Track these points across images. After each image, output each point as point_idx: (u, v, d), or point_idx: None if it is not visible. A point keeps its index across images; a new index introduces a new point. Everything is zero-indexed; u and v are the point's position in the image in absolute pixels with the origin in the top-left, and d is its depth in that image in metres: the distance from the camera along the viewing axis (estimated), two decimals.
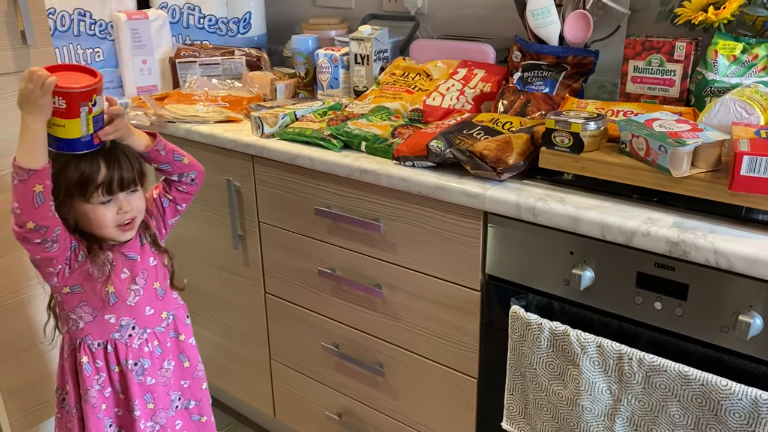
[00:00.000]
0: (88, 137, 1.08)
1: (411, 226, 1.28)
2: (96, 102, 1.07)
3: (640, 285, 1.02)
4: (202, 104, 1.66)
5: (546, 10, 1.39)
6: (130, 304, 1.20)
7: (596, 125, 1.07)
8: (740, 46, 1.19)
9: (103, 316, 1.19)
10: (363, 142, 1.34)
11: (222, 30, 1.99)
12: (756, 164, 0.90)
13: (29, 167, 1.02)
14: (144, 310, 1.22)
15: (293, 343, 1.64)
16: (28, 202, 1.03)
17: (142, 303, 1.22)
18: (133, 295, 1.20)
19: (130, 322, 1.21)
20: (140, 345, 1.22)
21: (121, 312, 1.20)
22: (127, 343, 1.21)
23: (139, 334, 1.22)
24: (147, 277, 1.22)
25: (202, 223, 1.71)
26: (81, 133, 1.07)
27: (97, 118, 1.09)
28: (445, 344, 1.32)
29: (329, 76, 1.71)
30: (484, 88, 1.46)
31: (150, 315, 1.23)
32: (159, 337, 1.25)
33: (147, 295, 1.22)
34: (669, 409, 0.99)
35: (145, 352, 1.23)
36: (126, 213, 1.14)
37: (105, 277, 1.16)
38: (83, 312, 1.18)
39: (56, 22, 1.74)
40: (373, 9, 1.92)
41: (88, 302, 1.18)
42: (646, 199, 1.05)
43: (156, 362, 1.25)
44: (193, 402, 1.35)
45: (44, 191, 1.04)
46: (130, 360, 1.21)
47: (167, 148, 1.19)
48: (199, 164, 1.26)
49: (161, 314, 1.25)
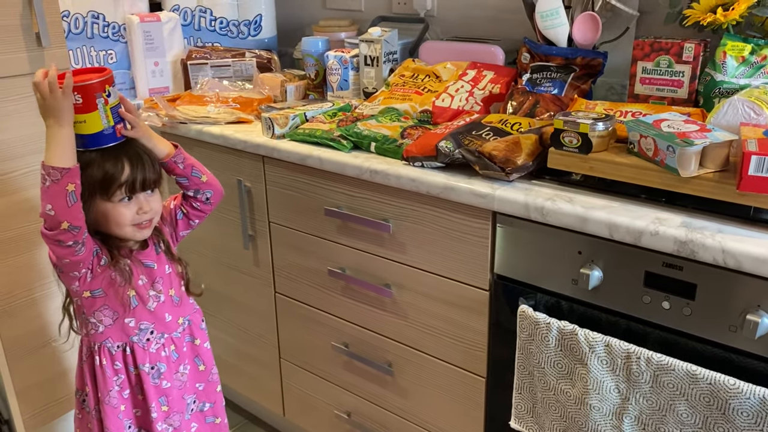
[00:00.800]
0: (111, 129, 1.10)
1: (420, 226, 1.29)
2: (110, 93, 1.09)
3: (648, 284, 1.02)
4: (213, 105, 1.68)
5: (555, 11, 1.39)
6: (150, 309, 1.21)
7: (604, 126, 1.08)
8: (749, 47, 1.19)
9: (124, 319, 1.20)
10: (372, 142, 1.35)
11: (233, 32, 2.01)
12: (764, 164, 0.90)
13: (62, 166, 1.04)
14: (164, 315, 1.23)
15: (303, 343, 1.65)
16: (62, 202, 1.04)
17: (161, 309, 1.23)
18: (152, 301, 1.21)
19: (149, 326, 1.22)
20: (157, 349, 1.23)
21: (141, 316, 1.21)
22: (144, 347, 1.22)
23: (157, 339, 1.23)
24: (163, 284, 1.23)
25: (212, 223, 1.73)
26: (102, 126, 1.09)
27: (115, 109, 1.10)
28: (453, 343, 1.33)
29: (339, 77, 1.72)
30: (493, 90, 1.47)
31: (168, 321, 1.24)
32: (176, 342, 1.26)
33: (165, 301, 1.24)
34: (677, 408, 0.99)
35: (162, 356, 1.24)
36: (145, 213, 1.15)
37: (126, 282, 1.18)
38: (104, 316, 1.19)
39: (70, 25, 1.76)
40: (382, 11, 1.93)
41: (109, 306, 1.19)
42: (655, 199, 1.05)
43: (172, 366, 1.26)
44: (207, 404, 1.35)
45: (76, 190, 1.06)
46: (147, 364, 1.22)
47: (186, 162, 1.21)
48: (218, 185, 1.27)
49: (178, 320, 1.26)
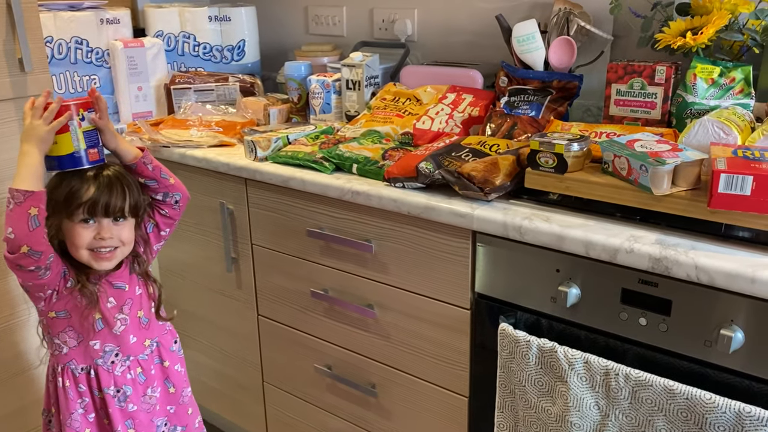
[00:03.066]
0: (81, 152, 1.10)
1: (402, 246, 1.30)
2: (85, 117, 1.10)
3: (625, 301, 1.04)
4: (196, 129, 1.69)
5: (531, 36, 1.43)
6: (116, 333, 1.20)
7: (579, 146, 1.10)
8: (718, 69, 1.23)
9: (88, 342, 1.18)
10: (354, 164, 1.37)
11: (216, 57, 2.03)
12: (733, 182, 0.93)
13: (25, 189, 1.04)
14: (128, 338, 1.22)
15: (286, 366, 1.64)
16: (23, 225, 1.03)
17: (126, 332, 1.21)
18: (119, 324, 1.20)
19: (114, 349, 1.20)
20: (122, 372, 1.22)
21: (106, 339, 1.19)
22: (109, 370, 1.20)
23: (122, 362, 1.22)
24: (132, 306, 1.22)
25: (195, 245, 1.73)
26: (73, 148, 1.09)
27: (90, 134, 1.11)
28: (436, 363, 1.33)
29: (321, 101, 1.75)
30: (472, 112, 1.49)
31: (133, 343, 1.23)
32: (142, 365, 1.24)
33: (131, 323, 1.22)
34: (655, 423, 1.00)
35: (128, 379, 1.22)
36: (103, 240, 1.12)
37: (92, 307, 1.16)
38: (68, 337, 1.18)
39: (54, 50, 1.78)
40: (364, 36, 1.96)
41: (73, 328, 1.18)
42: (629, 218, 1.07)
43: (139, 389, 1.24)
44: (179, 428, 1.33)
45: (39, 215, 1.05)
46: (112, 387, 1.21)
47: (154, 164, 1.19)
48: (184, 188, 1.26)
49: (144, 342, 1.25)
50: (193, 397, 1.37)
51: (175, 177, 1.25)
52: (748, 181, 0.92)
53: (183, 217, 1.72)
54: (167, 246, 1.79)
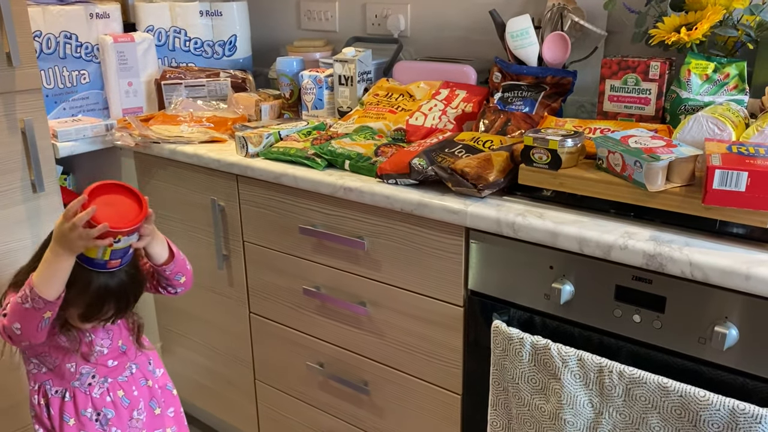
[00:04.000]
0: (102, 262, 1.06)
1: (394, 243, 1.29)
2: (121, 240, 1.04)
3: (619, 298, 1.03)
4: (187, 125, 1.67)
5: (525, 32, 1.42)
6: (92, 360, 1.18)
7: (573, 142, 1.09)
8: (712, 65, 1.22)
9: (64, 364, 1.16)
10: (347, 160, 1.36)
11: (208, 53, 2.01)
12: (727, 178, 0.92)
13: (47, 299, 1.01)
14: (106, 362, 1.20)
15: (278, 364, 1.63)
16: (33, 326, 1.04)
17: (104, 357, 1.19)
18: (96, 354, 1.18)
19: (90, 371, 1.18)
20: (101, 394, 1.19)
21: (81, 362, 1.17)
22: (86, 392, 1.18)
23: (100, 383, 1.19)
24: (112, 337, 1.20)
25: (186, 243, 1.71)
26: (96, 257, 1.05)
27: (118, 251, 1.06)
28: (429, 361, 1.32)
29: (314, 97, 1.73)
30: (465, 108, 1.48)
31: (113, 367, 1.21)
32: (123, 387, 1.22)
33: (110, 352, 1.20)
34: (649, 421, 1.00)
35: (108, 402, 1.20)
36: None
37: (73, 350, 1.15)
38: (44, 360, 1.17)
39: (42, 45, 1.75)
40: (356, 32, 1.95)
41: (50, 354, 1.16)
42: (623, 214, 1.07)
43: (124, 413, 1.21)
44: None
45: (50, 317, 1.04)
46: (89, 410, 1.18)
47: (174, 270, 1.18)
48: (190, 282, 1.24)
49: (125, 365, 1.23)
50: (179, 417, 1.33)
51: (188, 271, 1.22)
52: (743, 177, 0.91)
53: (173, 214, 1.71)
54: None
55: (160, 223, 1.76)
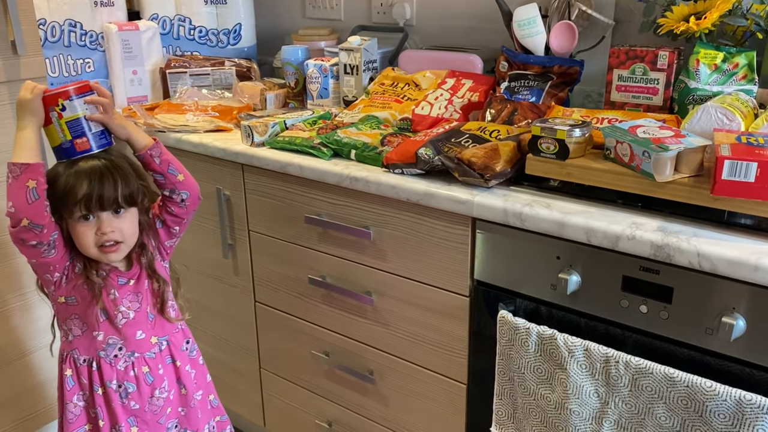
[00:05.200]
0: (68, 143, 1.08)
1: (400, 233, 1.29)
2: (65, 107, 1.07)
3: (626, 289, 1.03)
4: (192, 114, 1.67)
5: (532, 21, 1.41)
6: (118, 326, 1.18)
7: (581, 132, 1.09)
8: (721, 55, 1.21)
9: (92, 332, 1.17)
10: (353, 150, 1.35)
11: (212, 41, 2.00)
12: (737, 169, 0.92)
13: (20, 162, 1.04)
14: (134, 333, 1.19)
15: (283, 352, 1.64)
16: (21, 198, 1.03)
17: (131, 326, 1.19)
18: (120, 317, 1.17)
19: (117, 342, 1.18)
20: (126, 368, 1.19)
21: (109, 331, 1.17)
22: (111, 363, 1.18)
23: (126, 357, 1.19)
24: (141, 300, 1.19)
25: (192, 232, 1.71)
26: (60, 140, 1.08)
27: (73, 123, 1.08)
28: (434, 350, 1.33)
29: (319, 86, 1.73)
30: (471, 98, 1.48)
31: (140, 339, 1.20)
32: (149, 363, 1.21)
33: (138, 319, 1.19)
34: (655, 411, 1.00)
35: (131, 376, 1.19)
36: (105, 234, 1.10)
37: (94, 298, 1.15)
38: (73, 325, 1.17)
39: (47, 33, 1.75)
40: (362, 20, 1.94)
41: (79, 316, 1.16)
42: (631, 204, 1.06)
43: (146, 390, 1.20)
44: (189, 431, 1.29)
45: (37, 187, 1.04)
46: (114, 381, 1.18)
47: (162, 158, 1.15)
48: (195, 186, 1.21)
49: (151, 339, 1.21)
50: (208, 401, 1.33)
51: (188, 174, 1.20)
52: (753, 167, 0.91)
53: None
54: None
55: None
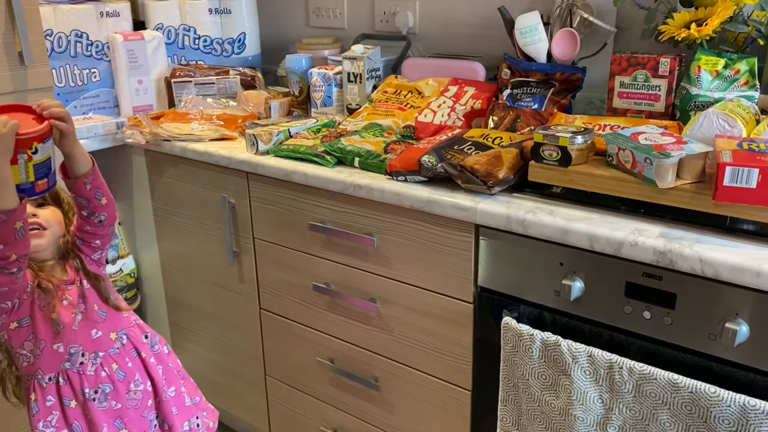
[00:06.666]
0: (29, 185, 1.04)
1: (404, 239, 1.30)
2: (38, 150, 1.03)
3: (629, 295, 1.03)
4: (197, 122, 1.68)
5: (534, 28, 1.42)
6: (75, 329, 1.17)
7: (583, 139, 1.09)
8: (722, 61, 1.22)
9: (52, 346, 1.16)
10: (356, 157, 1.36)
11: (217, 50, 2.02)
12: (738, 175, 0.92)
13: (6, 208, 1.01)
14: (89, 333, 1.19)
15: (288, 359, 1.64)
16: (11, 238, 1.03)
17: (86, 327, 1.19)
18: (75, 321, 1.17)
19: (78, 348, 1.18)
20: (96, 370, 1.19)
21: (69, 339, 1.17)
22: (79, 372, 1.18)
23: (92, 360, 1.19)
24: (87, 301, 1.20)
25: (197, 239, 1.72)
26: (20, 180, 1.03)
27: (41, 165, 1.05)
28: (439, 357, 1.33)
29: (323, 94, 1.74)
30: (474, 105, 1.48)
31: (97, 338, 1.20)
32: (116, 359, 1.21)
33: (89, 318, 1.19)
34: (659, 417, 1.00)
35: (103, 377, 1.19)
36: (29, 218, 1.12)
37: (53, 298, 1.15)
38: (32, 345, 1.16)
39: (53, 43, 1.76)
40: (365, 29, 1.95)
41: (36, 334, 1.16)
42: (634, 211, 1.07)
43: (121, 386, 1.21)
44: (166, 425, 1.29)
45: (24, 225, 1.04)
46: (87, 388, 1.18)
47: (94, 184, 1.14)
48: (113, 209, 1.20)
49: (110, 335, 1.21)
50: (185, 397, 1.32)
51: (110, 195, 1.19)
52: (754, 173, 0.91)
53: (184, 211, 1.72)
54: (168, 240, 1.79)
55: (171, 219, 1.78)
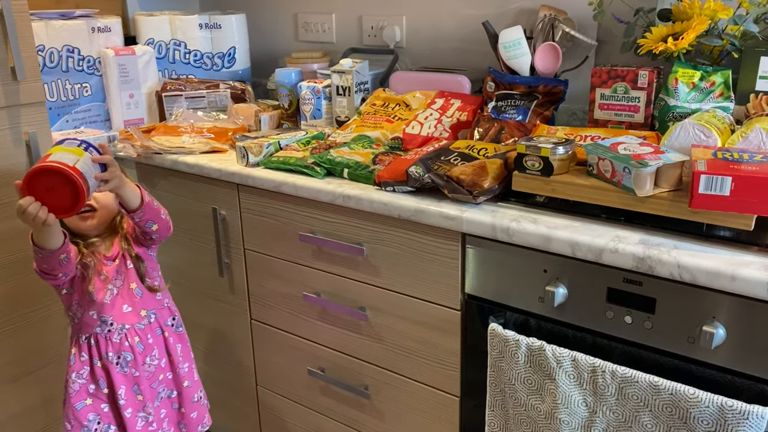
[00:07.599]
0: None
1: (393, 249, 1.32)
2: None
3: (611, 300, 1.06)
4: (188, 136, 1.70)
5: (517, 42, 1.46)
6: (106, 302, 1.33)
7: (564, 149, 1.13)
8: (698, 74, 1.26)
9: (88, 312, 1.33)
10: (345, 169, 1.39)
11: (207, 64, 2.04)
12: (713, 183, 0.96)
13: (52, 248, 1.19)
14: (121, 308, 1.35)
15: (279, 369, 1.66)
16: (55, 266, 1.22)
17: (117, 301, 1.34)
18: (108, 294, 1.33)
19: (108, 318, 1.33)
20: (120, 340, 1.34)
21: (101, 309, 1.33)
22: (106, 338, 1.33)
23: (118, 330, 1.34)
24: (124, 279, 1.35)
25: (188, 251, 1.74)
26: None
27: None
28: (427, 364, 1.35)
29: (312, 107, 1.77)
30: (460, 117, 1.52)
31: (127, 312, 1.35)
32: (139, 334, 1.36)
33: (123, 294, 1.35)
34: (641, 418, 1.03)
35: (126, 346, 1.34)
36: None
37: (91, 275, 1.31)
38: (75, 309, 1.34)
39: (45, 58, 1.79)
40: (353, 43, 1.99)
41: (77, 301, 1.33)
42: (614, 218, 1.10)
43: (139, 357, 1.36)
44: (175, 392, 1.45)
45: (68, 255, 1.22)
46: (111, 353, 1.33)
47: (144, 218, 1.28)
48: (165, 230, 1.35)
49: (140, 312, 1.37)
50: (195, 373, 1.49)
51: (162, 222, 1.33)
52: (727, 181, 0.95)
53: (176, 223, 1.73)
54: (160, 252, 1.79)
55: None
